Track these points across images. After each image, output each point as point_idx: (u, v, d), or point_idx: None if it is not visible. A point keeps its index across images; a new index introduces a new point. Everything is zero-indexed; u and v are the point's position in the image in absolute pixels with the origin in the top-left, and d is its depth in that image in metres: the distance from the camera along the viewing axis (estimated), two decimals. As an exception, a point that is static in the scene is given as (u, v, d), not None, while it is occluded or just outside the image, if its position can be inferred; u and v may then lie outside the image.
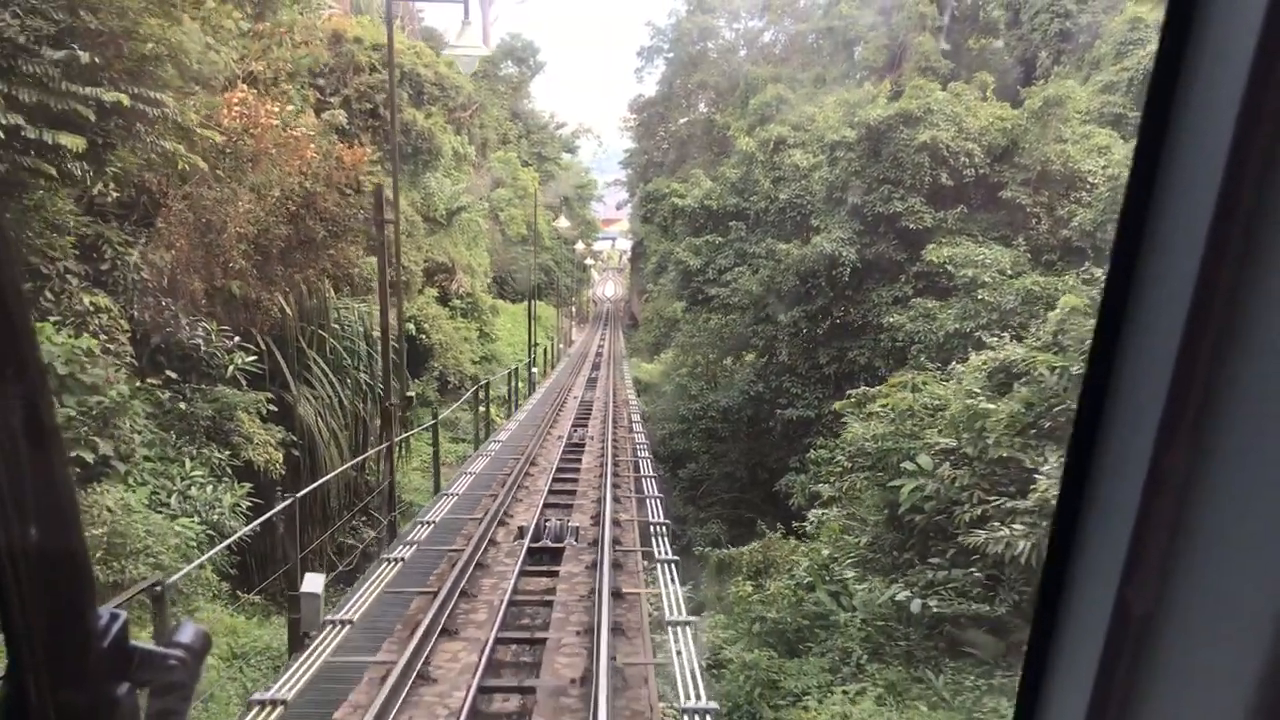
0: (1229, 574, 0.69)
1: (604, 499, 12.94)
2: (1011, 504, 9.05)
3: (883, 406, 13.07)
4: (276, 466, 13.80)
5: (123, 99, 8.71)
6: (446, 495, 14.44)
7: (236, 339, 13.97)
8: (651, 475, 16.15)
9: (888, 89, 31.42)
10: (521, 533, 11.49)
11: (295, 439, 15.05)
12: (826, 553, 12.44)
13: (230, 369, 13.68)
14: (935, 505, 10.26)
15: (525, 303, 41.96)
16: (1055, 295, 15.50)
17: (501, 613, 8.47)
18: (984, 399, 10.63)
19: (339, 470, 14.87)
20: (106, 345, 11.30)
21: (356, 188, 16.97)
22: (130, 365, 11.76)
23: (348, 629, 8.19)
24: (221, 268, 13.99)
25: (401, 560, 10.61)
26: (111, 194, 11.81)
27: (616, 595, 8.98)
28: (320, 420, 16.72)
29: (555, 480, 15.21)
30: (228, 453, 13.08)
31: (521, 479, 15.24)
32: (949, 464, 10.26)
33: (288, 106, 16.21)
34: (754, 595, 12.51)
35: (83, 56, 8.21)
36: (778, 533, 16.28)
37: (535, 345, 37.06)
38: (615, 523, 11.98)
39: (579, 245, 68.78)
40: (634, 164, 67.36)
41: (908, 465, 10.91)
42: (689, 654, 7.24)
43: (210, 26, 12.32)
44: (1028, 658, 0.92)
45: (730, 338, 30.06)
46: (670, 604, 8.85)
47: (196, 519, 11.51)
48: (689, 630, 7.81)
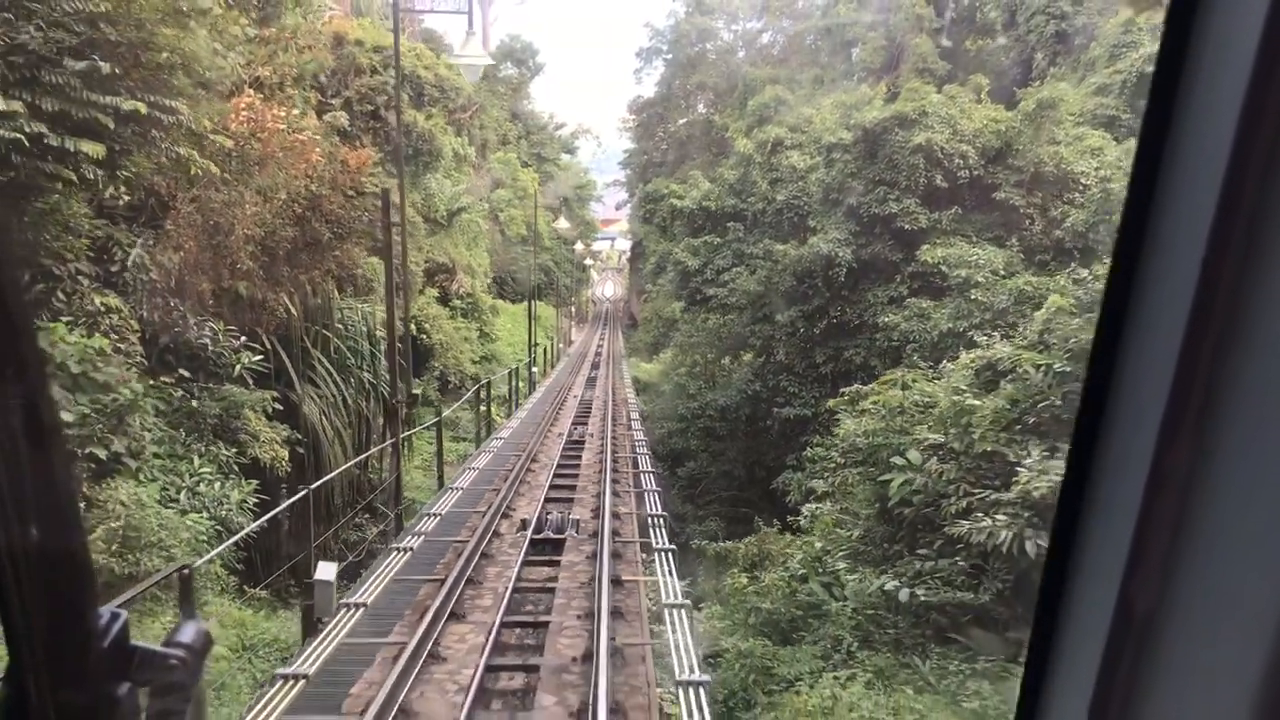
0: (1231, 573, 0.69)
1: (604, 493, 13.20)
2: (995, 496, 9.32)
3: (874, 404, 13.35)
4: (282, 464, 13.98)
5: (140, 107, 9.01)
6: (451, 489, 14.67)
7: (243, 339, 14.12)
8: (650, 471, 16.43)
9: (884, 91, 31.52)
10: (524, 525, 11.75)
11: (300, 437, 15.21)
12: (820, 545, 12.70)
13: (237, 368, 13.81)
14: (923, 498, 10.54)
15: (525, 303, 42.06)
16: (1046, 295, 15.75)
17: (506, 598, 8.78)
18: (970, 396, 10.93)
19: (346, 466, 15.10)
20: (117, 345, 11.51)
21: (358, 190, 17.19)
22: (140, 364, 12.00)
23: (361, 612, 8.50)
24: (229, 269, 14.13)
25: (410, 550, 10.90)
26: (123, 197, 12.07)
27: (616, 582, 9.27)
28: (324, 419, 16.90)
29: (556, 476, 15.43)
30: (234, 450, 13.24)
31: (523, 474, 15.46)
32: (936, 458, 10.56)
33: (293, 111, 16.45)
34: (749, 587, 12.79)
35: (104, 67, 8.52)
36: (774, 529, 16.54)
37: (535, 345, 37.09)
38: (615, 515, 12.24)
39: (578, 245, 68.96)
40: (633, 164, 67.26)
41: (897, 460, 11.15)
42: (684, 634, 7.61)
43: (218, 33, 12.57)
44: (1029, 657, 0.92)
45: (728, 337, 30.16)
46: (666, 590, 9.17)
47: (205, 514, 11.68)
48: (683, 613, 8.18)
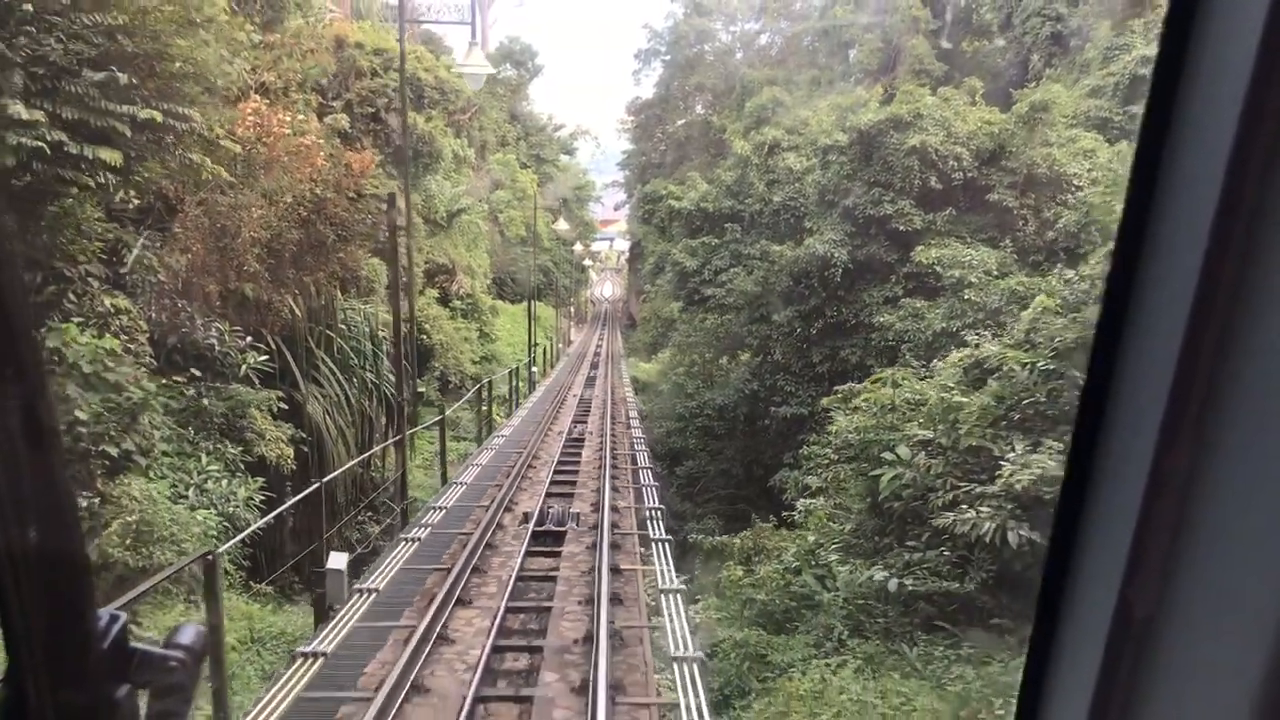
0: (1231, 573, 0.68)
1: (603, 488, 13.55)
2: (980, 489, 9.65)
3: (866, 401, 13.66)
4: (287, 462, 14.23)
5: (156, 115, 9.33)
6: (455, 485, 15.00)
7: (249, 339, 14.32)
8: (648, 467, 16.76)
9: (880, 93, 31.75)
10: (526, 518, 12.10)
11: (304, 436, 15.47)
12: (813, 539, 12.99)
13: (243, 368, 14.03)
14: (912, 492, 10.84)
15: (525, 303, 42.32)
16: (1037, 295, 16.02)
17: (510, 586, 9.14)
18: (958, 393, 11.26)
19: (351, 464, 15.40)
20: (127, 345, 11.80)
21: (359, 193, 17.47)
22: (149, 364, 12.29)
23: (373, 597, 8.87)
24: (235, 271, 14.38)
25: (418, 540, 11.27)
26: (132, 201, 12.35)
27: (615, 570, 9.61)
28: (328, 418, 17.16)
29: (557, 472, 15.75)
30: (241, 448, 13.49)
31: (525, 471, 15.78)
32: (925, 453, 10.87)
33: (298, 116, 16.74)
34: (745, 579, 13.12)
35: (121, 78, 8.85)
36: (770, 524, 16.82)
37: (535, 345, 37.35)
38: (614, 509, 12.58)
39: (577, 246, 69.26)
40: (632, 165, 67.39)
41: (888, 455, 11.45)
42: (679, 617, 7.97)
43: (224, 39, 12.87)
44: (1029, 658, 0.92)
45: (726, 337, 30.35)
46: (663, 577, 9.54)
47: (214, 511, 11.97)
48: (679, 597, 8.53)
